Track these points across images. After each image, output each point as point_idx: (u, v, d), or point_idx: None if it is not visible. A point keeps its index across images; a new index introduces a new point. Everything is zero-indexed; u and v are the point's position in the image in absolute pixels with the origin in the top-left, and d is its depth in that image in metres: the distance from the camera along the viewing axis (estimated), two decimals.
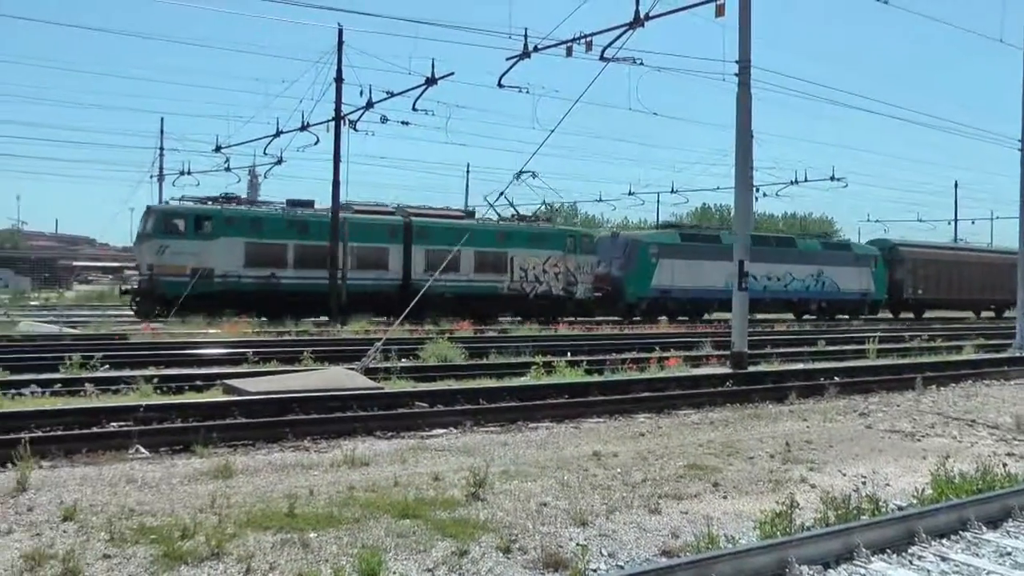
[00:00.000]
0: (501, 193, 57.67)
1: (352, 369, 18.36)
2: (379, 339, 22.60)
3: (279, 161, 44.87)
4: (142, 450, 11.08)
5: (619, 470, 10.30)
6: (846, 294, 56.33)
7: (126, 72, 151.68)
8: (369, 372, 18.24)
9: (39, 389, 15.89)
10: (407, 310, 23.79)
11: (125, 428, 12.04)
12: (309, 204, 41.98)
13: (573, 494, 9.08)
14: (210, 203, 39.74)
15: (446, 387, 17.22)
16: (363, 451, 11.03)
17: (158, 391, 15.88)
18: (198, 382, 17.11)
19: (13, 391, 15.45)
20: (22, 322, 30.91)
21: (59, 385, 16.31)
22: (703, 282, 48.15)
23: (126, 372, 18.32)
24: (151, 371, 18.40)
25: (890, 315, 61.37)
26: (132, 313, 39.23)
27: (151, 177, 62.74)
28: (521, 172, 46.03)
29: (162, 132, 65.13)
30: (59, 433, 11.71)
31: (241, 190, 50.84)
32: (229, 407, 13.63)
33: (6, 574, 6.46)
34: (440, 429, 13.17)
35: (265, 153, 45.01)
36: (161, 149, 63.70)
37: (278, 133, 43.07)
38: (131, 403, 13.63)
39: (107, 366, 19.27)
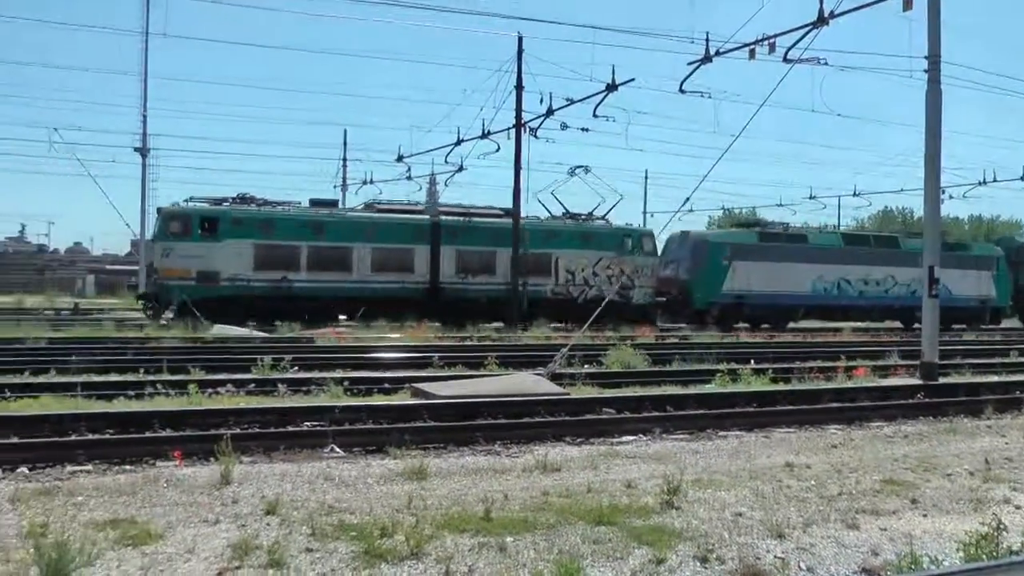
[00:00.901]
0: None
1: (538, 374, 18.59)
2: (564, 345, 22.79)
3: (460, 169, 45.68)
4: (337, 449, 11.57)
5: (813, 482, 10.18)
6: (960, 300, 49.20)
7: (311, 87, 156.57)
8: (554, 378, 18.45)
9: (234, 388, 16.70)
10: (590, 319, 23.73)
11: (320, 428, 12.59)
12: (333, 204, 41.86)
13: (768, 505, 9.04)
14: (227, 204, 39.00)
15: (632, 393, 17.35)
16: (554, 456, 11.20)
17: (348, 393, 16.46)
18: (386, 385, 17.66)
19: (210, 390, 16.31)
20: (215, 326, 32.34)
21: (253, 385, 17.12)
22: (786, 286, 45.32)
23: (315, 374, 18.98)
24: (339, 373, 19.02)
25: (1020, 324, 55.89)
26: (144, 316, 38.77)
27: (335, 187, 64.85)
28: (576, 168, 44.73)
29: (345, 143, 67.34)
30: (257, 431, 12.36)
31: (422, 198, 51.78)
32: (419, 410, 14.07)
33: (216, 561, 6.85)
34: (629, 436, 13.29)
35: (446, 161, 45.85)
36: (344, 160, 65.85)
37: (459, 141, 43.92)
38: (326, 404, 14.28)
39: (296, 368, 20.01)
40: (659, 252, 45.66)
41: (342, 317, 38.52)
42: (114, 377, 18.47)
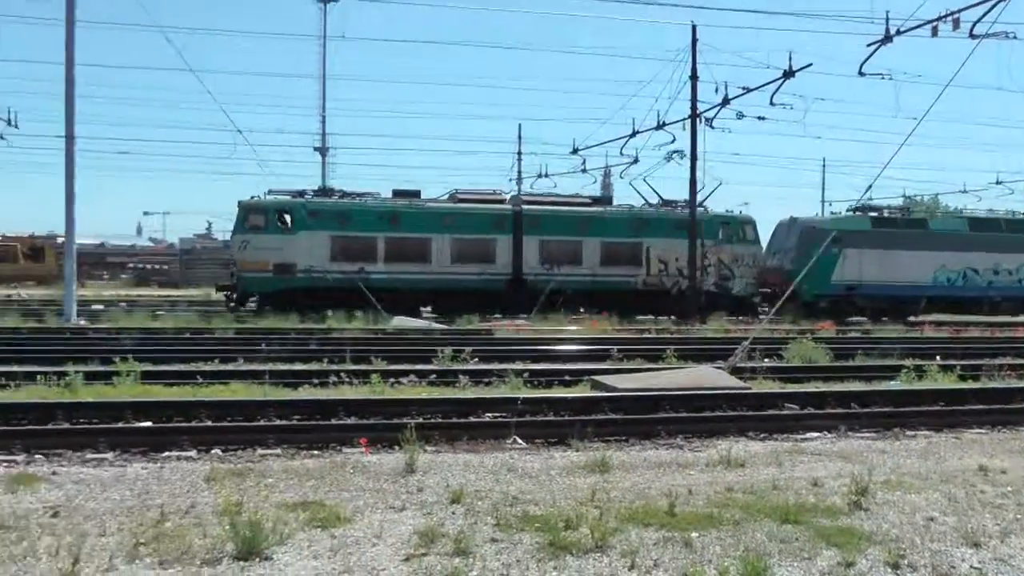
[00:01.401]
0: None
1: (719, 368, 18.41)
2: (744, 338, 22.49)
3: (635, 161, 45.34)
4: (519, 441, 11.73)
5: (1009, 488, 9.76)
6: None
7: (487, 81, 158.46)
8: (735, 371, 18.24)
9: (416, 379, 17.05)
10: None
11: (501, 419, 12.75)
12: (415, 194, 40.52)
13: (961, 510, 8.73)
14: (305, 196, 39.07)
15: (815, 389, 17.02)
16: (737, 452, 11.10)
17: (528, 385, 16.61)
18: (566, 377, 17.73)
19: (392, 380, 16.69)
20: (395, 318, 33.05)
21: (434, 376, 17.44)
22: (903, 276, 42.04)
23: (495, 365, 19.20)
24: (519, 365, 19.20)
25: None
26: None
27: (510, 180, 65.43)
28: (673, 152, 42.30)
29: (520, 137, 67.89)
30: (440, 421, 12.62)
31: (596, 190, 51.71)
32: (600, 403, 14.14)
33: (403, 547, 7.04)
34: (813, 432, 13.05)
35: (621, 154, 45.60)
36: (519, 154, 66.32)
37: (634, 133, 43.52)
38: (507, 395, 14.47)
39: (476, 359, 20.29)
40: (761, 240, 43.54)
41: (426, 309, 38.43)
42: (299, 366, 19.10)
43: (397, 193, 40.19)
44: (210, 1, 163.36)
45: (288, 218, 37.57)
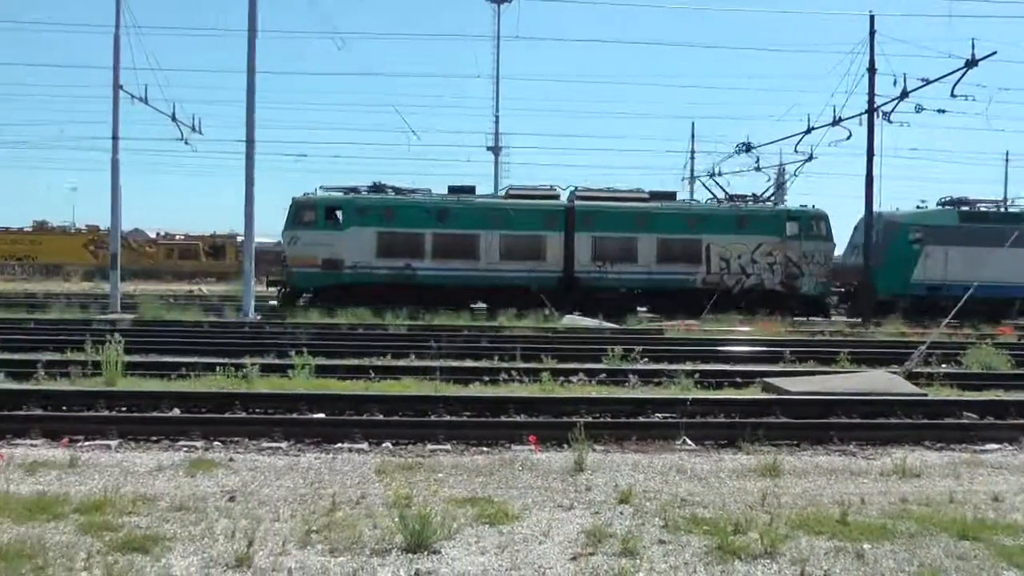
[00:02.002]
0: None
1: (893, 373, 17.83)
2: (921, 342, 21.74)
3: (809, 158, 44.15)
4: (688, 442, 11.60)
5: None
6: None
7: (660, 79, 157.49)
8: (910, 377, 17.63)
9: (586, 378, 17.03)
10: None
11: (671, 420, 12.63)
12: (470, 190, 39.81)
13: None
14: (365, 192, 38.96)
15: (995, 397, 16.20)
16: (913, 461, 10.73)
17: (698, 385, 16.42)
18: (737, 379, 17.46)
19: (562, 378, 16.70)
20: (565, 316, 33.13)
21: (604, 375, 17.40)
22: (994, 276, 37.70)
23: (665, 365, 19.04)
24: (688, 366, 18.99)
25: None
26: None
27: (683, 180, 64.77)
28: (748, 145, 41.02)
29: (693, 135, 67.09)
30: (609, 420, 12.57)
31: (769, 189, 50.56)
32: (770, 405, 13.87)
33: (570, 546, 7.04)
34: (993, 444, 12.44)
35: (796, 151, 44.46)
36: (692, 152, 65.57)
37: (809, 130, 42.29)
38: (677, 396, 14.30)
39: (646, 359, 20.15)
40: (834, 236, 40.53)
41: (480, 305, 37.59)
42: (470, 363, 19.32)
43: (452, 189, 39.69)
44: (385, 6, 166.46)
45: (337, 214, 37.90)
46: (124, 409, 13.09)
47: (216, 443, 11.12)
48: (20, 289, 50.86)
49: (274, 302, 39.05)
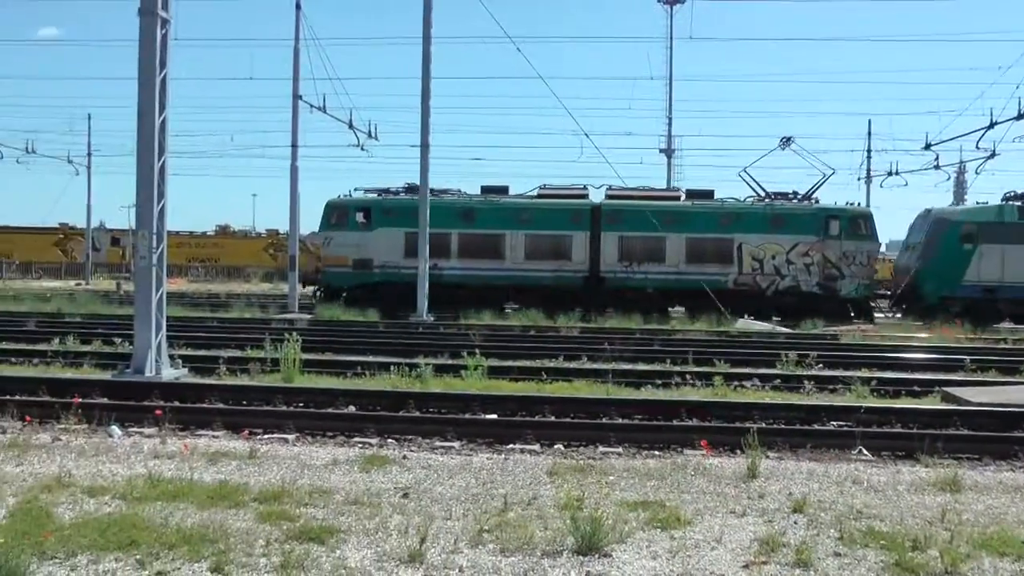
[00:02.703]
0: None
1: None
2: None
3: (992, 155, 42.13)
4: (864, 452, 11.28)
5: None
6: None
7: (835, 76, 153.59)
8: None
9: (759, 383, 16.74)
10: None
11: (846, 428, 12.34)
12: (503, 191, 39.09)
13: None
14: (400, 193, 38.98)
15: None
16: None
17: (874, 393, 15.95)
18: (915, 387, 16.87)
19: (735, 383, 16.46)
20: (738, 320, 32.67)
21: (778, 380, 17.08)
22: None
23: (840, 372, 18.58)
24: (864, 372, 18.47)
25: None
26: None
27: (858, 179, 62.96)
28: (785, 139, 38.49)
29: (869, 134, 65.01)
30: (782, 427, 12.31)
31: (948, 187, 48.72)
32: (950, 416, 13.29)
33: (743, 553, 6.92)
34: None
35: (977, 147, 42.46)
36: (869, 151, 63.65)
37: (991, 125, 40.37)
38: (852, 403, 13.98)
39: (821, 365, 19.69)
40: (878, 236, 38.50)
41: (512, 306, 36.91)
42: (642, 366, 19.20)
43: (485, 189, 39.47)
44: (557, 10, 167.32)
45: (367, 216, 38.27)
46: (301, 405, 13.54)
47: (390, 440, 11.36)
48: (204, 290, 53.23)
49: None
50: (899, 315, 38.41)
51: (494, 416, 12.71)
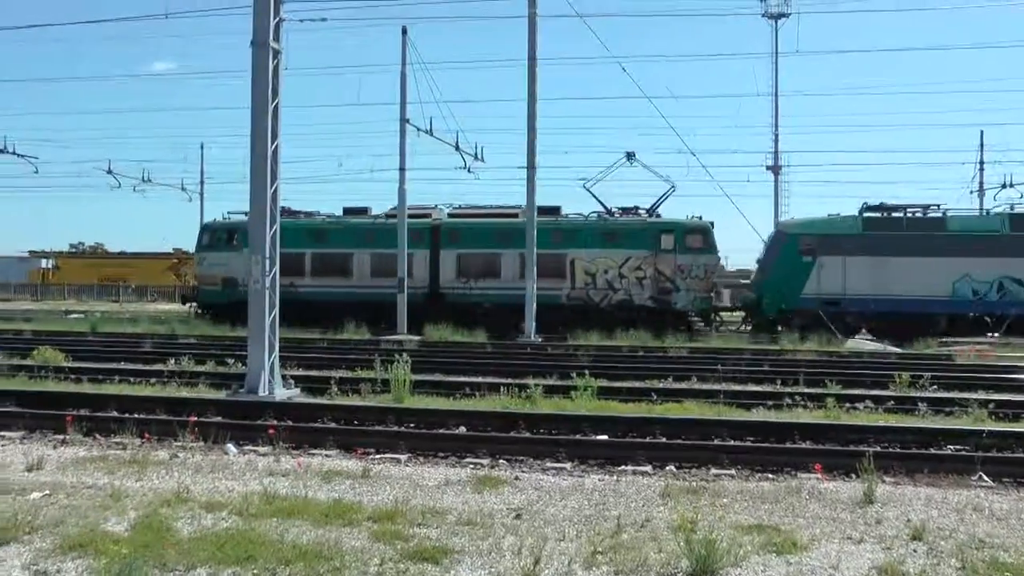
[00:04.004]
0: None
1: None
2: None
3: None
4: (985, 478, 10.91)
5: None
6: None
7: (946, 87, 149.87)
8: None
9: (872, 405, 16.37)
10: None
11: (965, 453, 11.97)
12: (363, 212, 41.47)
13: None
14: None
15: None
16: None
17: (992, 417, 15.46)
18: None
19: (847, 404, 16.11)
20: (848, 340, 32.07)
21: (891, 402, 16.67)
22: (907, 288, 33.99)
23: (955, 394, 18.08)
24: (981, 395, 17.95)
25: None
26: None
27: (971, 192, 61.52)
28: (627, 154, 38.39)
29: (981, 146, 63.44)
30: (898, 451, 11.99)
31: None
32: None
33: None
34: None
35: None
36: (981, 163, 62.19)
37: None
38: (970, 427, 13.57)
39: (935, 386, 19.21)
40: (717, 249, 37.97)
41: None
42: (752, 387, 18.97)
43: (346, 211, 41.78)
44: (662, 28, 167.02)
45: (233, 237, 40.48)
46: (412, 425, 13.63)
47: (501, 461, 11.36)
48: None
49: None
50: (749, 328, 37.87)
51: (605, 437, 12.67)
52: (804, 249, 35.23)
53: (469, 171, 39.14)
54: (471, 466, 11.02)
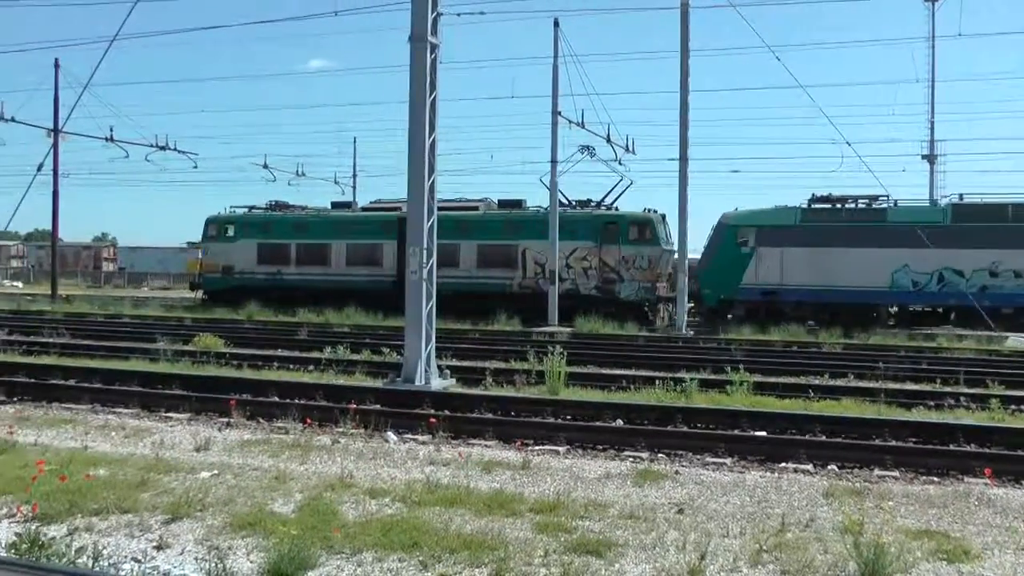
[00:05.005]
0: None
1: None
2: None
3: None
4: None
5: None
6: None
7: None
8: None
9: None
10: None
11: None
12: (348, 206, 45.97)
13: None
14: (263, 209, 46.05)
15: None
16: None
17: None
18: None
19: (1013, 407, 15.54)
20: (1009, 338, 30.90)
21: None
22: (845, 279, 33.87)
23: None
24: None
25: None
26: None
27: None
28: (583, 148, 37.43)
29: None
30: None
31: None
32: None
33: None
34: None
35: None
36: None
37: None
38: None
39: None
40: (661, 241, 38.06)
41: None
42: (910, 385, 18.51)
43: (334, 205, 45.99)
44: (815, 15, 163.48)
45: (231, 229, 45.25)
46: (568, 417, 13.68)
47: (660, 455, 11.34)
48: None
49: None
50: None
51: (763, 433, 12.52)
52: (743, 240, 35.95)
53: (620, 163, 39.13)
54: (631, 459, 11.02)
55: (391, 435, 12.31)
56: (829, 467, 10.85)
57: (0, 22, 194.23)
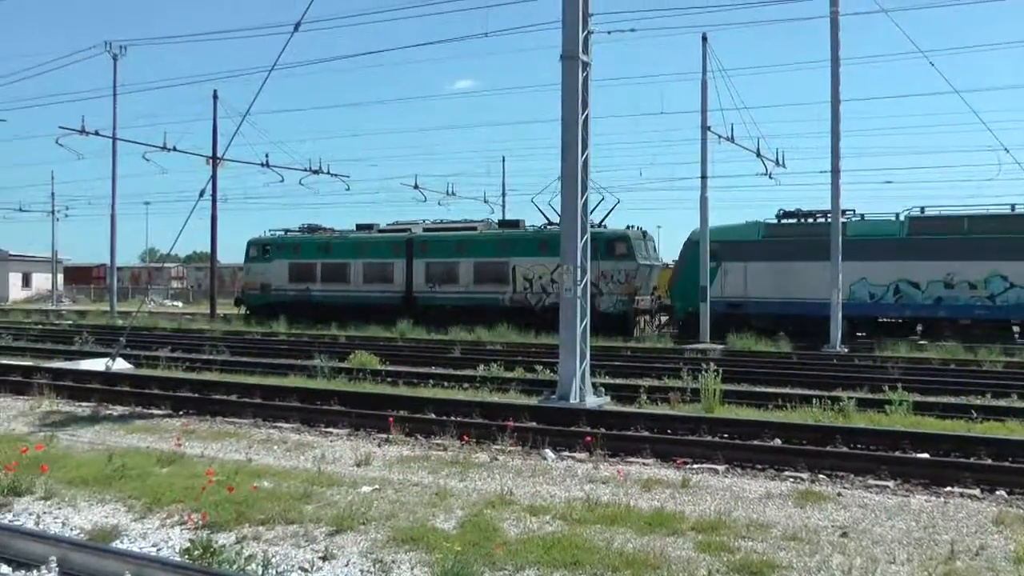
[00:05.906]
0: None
1: None
2: None
3: None
4: None
5: None
6: None
7: None
8: None
9: None
10: None
11: None
12: (369, 228, 48.51)
13: None
14: (298, 232, 50.92)
15: None
16: None
17: None
18: None
19: None
20: None
21: None
22: (806, 292, 34.98)
23: None
24: None
25: None
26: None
27: None
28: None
29: None
30: None
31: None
32: None
33: None
34: None
35: None
36: None
37: None
38: None
39: None
40: (636, 256, 40.38)
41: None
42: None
43: (359, 227, 49.08)
44: (970, 18, 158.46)
45: (267, 250, 50.18)
46: (726, 436, 13.59)
47: (821, 476, 11.18)
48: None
49: None
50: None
51: (926, 455, 12.19)
52: (710, 255, 36.45)
53: (770, 177, 38.72)
54: (791, 480, 10.92)
55: (549, 452, 12.42)
56: (997, 492, 10.48)
57: (162, 57, 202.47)
